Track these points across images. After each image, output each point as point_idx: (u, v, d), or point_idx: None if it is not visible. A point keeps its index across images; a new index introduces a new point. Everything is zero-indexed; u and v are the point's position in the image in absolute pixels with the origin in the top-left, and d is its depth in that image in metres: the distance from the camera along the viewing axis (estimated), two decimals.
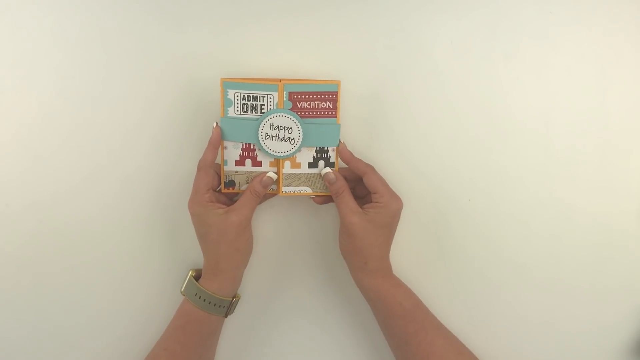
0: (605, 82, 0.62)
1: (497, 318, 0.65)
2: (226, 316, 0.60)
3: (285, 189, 0.60)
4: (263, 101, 0.57)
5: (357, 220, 0.56)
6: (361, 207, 0.57)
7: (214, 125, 0.57)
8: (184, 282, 0.60)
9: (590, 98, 0.63)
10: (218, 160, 0.58)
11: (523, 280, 0.65)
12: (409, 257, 0.64)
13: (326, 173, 0.59)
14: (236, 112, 0.57)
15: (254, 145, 0.59)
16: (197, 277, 0.60)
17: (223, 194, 0.60)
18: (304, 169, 0.60)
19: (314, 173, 0.60)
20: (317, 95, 0.58)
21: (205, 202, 0.56)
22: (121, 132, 0.63)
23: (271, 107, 0.57)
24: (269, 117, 0.58)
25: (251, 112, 0.57)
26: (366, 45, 0.62)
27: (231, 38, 0.62)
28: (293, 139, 0.59)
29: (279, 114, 0.58)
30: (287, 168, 0.59)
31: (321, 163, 0.60)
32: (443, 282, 0.65)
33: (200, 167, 0.57)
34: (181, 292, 0.59)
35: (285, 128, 0.58)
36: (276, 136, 0.58)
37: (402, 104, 0.62)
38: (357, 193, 0.61)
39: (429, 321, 0.58)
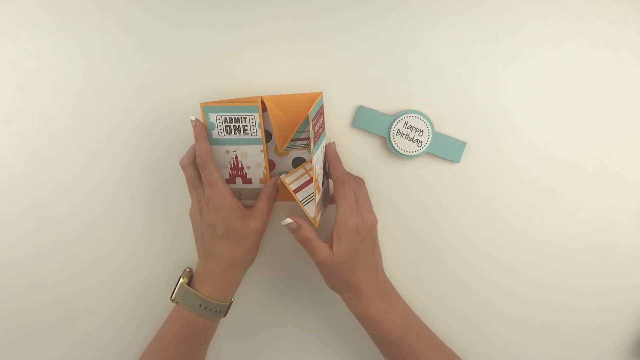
0: (605, 82, 0.62)
1: (496, 318, 0.65)
2: (225, 316, 0.59)
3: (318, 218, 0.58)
4: (245, 122, 0.56)
5: (326, 259, 0.55)
6: (326, 239, 0.57)
7: (193, 119, 0.55)
8: (174, 290, 0.58)
9: (590, 98, 0.63)
10: None
11: (523, 280, 0.65)
12: (408, 257, 0.64)
13: (288, 223, 0.55)
14: (220, 134, 0.56)
15: (242, 163, 0.58)
16: (188, 282, 0.58)
17: None
18: (321, 189, 0.59)
19: (324, 189, 0.60)
20: (319, 113, 0.57)
21: (229, 194, 0.55)
22: (121, 132, 0.63)
23: (254, 127, 0.56)
24: (404, 116, 0.59)
25: (235, 133, 0.57)
26: (365, 45, 0.62)
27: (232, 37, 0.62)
28: (421, 141, 0.60)
29: (414, 114, 0.59)
30: (317, 197, 0.57)
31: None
32: (443, 282, 0.65)
33: (207, 162, 0.55)
34: (172, 300, 0.57)
35: (417, 130, 0.59)
36: (407, 135, 0.59)
37: (402, 104, 0.62)
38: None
39: (418, 345, 0.56)
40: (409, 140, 0.62)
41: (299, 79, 0.61)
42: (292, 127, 0.57)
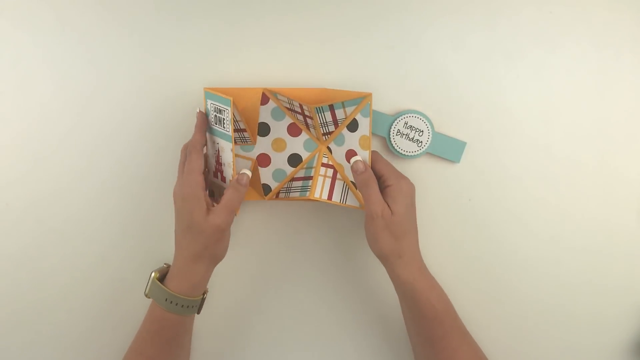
0: (605, 82, 0.62)
1: (496, 318, 0.65)
2: (198, 313, 0.58)
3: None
4: (223, 115, 0.54)
5: (384, 212, 0.54)
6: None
7: (197, 111, 0.56)
8: (147, 284, 0.57)
9: (590, 98, 0.63)
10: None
11: (523, 280, 0.65)
12: None
13: (355, 161, 0.56)
14: (212, 123, 0.56)
15: (221, 158, 0.57)
16: (162, 277, 0.57)
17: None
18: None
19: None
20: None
21: (200, 186, 0.53)
22: (122, 132, 0.63)
23: (228, 122, 0.54)
24: (404, 116, 0.59)
25: (218, 124, 0.55)
26: (365, 45, 0.62)
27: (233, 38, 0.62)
28: (421, 141, 0.60)
29: (414, 114, 0.59)
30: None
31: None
32: (442, 282, 0.65)
33: (192, 150, 0.54)
34: (145, 294, 0.56)
35: (417, 130, 0.59)
36: (407, 135, 0.59)
37: (402, 104, 0.62)
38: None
39: (456, 327, 0.57)
40: (409, 140, 0.62)
41: (299, 79, 0.61)
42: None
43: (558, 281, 0.65)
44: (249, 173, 0.56)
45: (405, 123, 0.61)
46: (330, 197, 0.59)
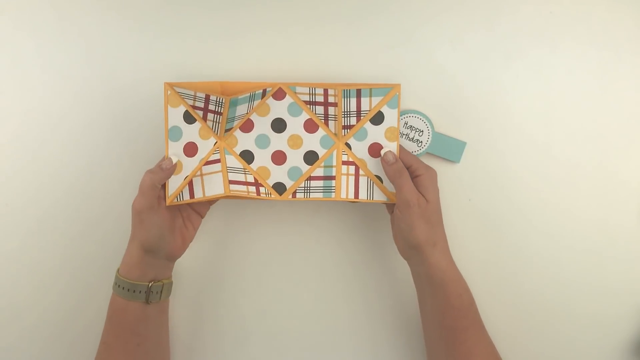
0: (605, 81, 0.62)
1: (496, 318, 0.65)
2: (147, 302, 0.57)
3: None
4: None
5: (419, 200, 0.55)
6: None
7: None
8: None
9: (590, 98, 0.63)
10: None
11: (523, 280, 0.65)
12: None
13: (386, 152, 0.57)
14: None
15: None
16: None
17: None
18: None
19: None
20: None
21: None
22: (122, 132, 0.63)
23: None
24: (404, 116, 0.60)
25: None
26: (366, 46, 0.62)
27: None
28: (421, 141, 0.60)
29: (414, 114, 0.59)
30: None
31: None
32: None
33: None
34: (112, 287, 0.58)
35: (417, 130, 0.60)
36: (407, 135, 0.60)
37: (402, 104, 0.62)
38: None
39: (478, 321, 0.57)
40: (409, 140, 0.62)
41: (297, 78, 0.61)
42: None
43: (558, 281, 0.65)
44: (175, 160, 0.56)
45: (405, 123, 0.61)
46: (356, 195, 0.59)
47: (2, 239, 0.64)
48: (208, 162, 0.58)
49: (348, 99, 0.56)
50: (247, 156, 0.59)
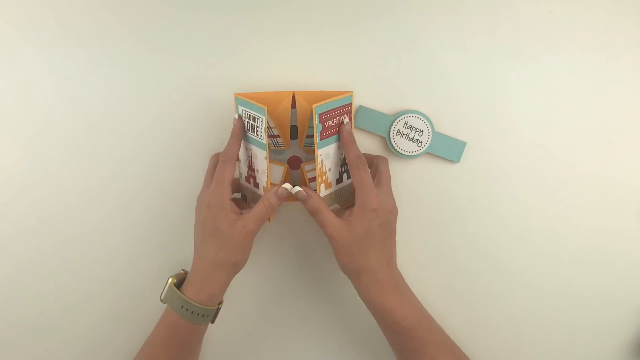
0: (605, 82, 0.62)
1: (496, 318, 0.65)
2: (213, 322, 0.57)
3: None
4: (257, 122, 0.53)
5: (337, 233, 0.53)
6: (342, 216, 0.54)
7: (235, 117, 0.55)
8: (163, 289, 0.56)
9: (590, 98, 0.63)
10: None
11: (523, 280, 0.65)
12: (408, 257, 0.64)
13: (297, 192, 0.54)
14: (245, 129, 0.55)
15: (254, 164, 0.56)
16: (179, 283, 0.56)
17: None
18: (334, 186, 0.58)
19: (340, 187, 0.59)
20: (338, 111, 0.54)
21: (227, 196, 0.53)
22: (122, 132, 0.63)
23: (261, 130, 0.52)
24: (404, 116, 0.60)
25: (251, 131, 0.54)
26: (366, 45, 0.62)
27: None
28: (421, 141, 0.60)
29: (414, 114, 0.59)
30: (322, 191, 0.56)
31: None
32: (442, 282, 0.65)
33: (226, 159, 0.54)
34: (161, 300, 0.56)
35: (417, 130, 0.59)
36: (407, 135, 0.60)
37: (402, 104, 0.62)
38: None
39: (430, 338, 0.55)
40: (409, 140, 0.62)
41: (299, 78, 0.61)
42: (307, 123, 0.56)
43: (558, 281, 0.65)
44: (289, 188, 0.54)
45: (405, 123, 0.61)
46: (311, 180, 0.58)
47: (2, 239, 0.64)
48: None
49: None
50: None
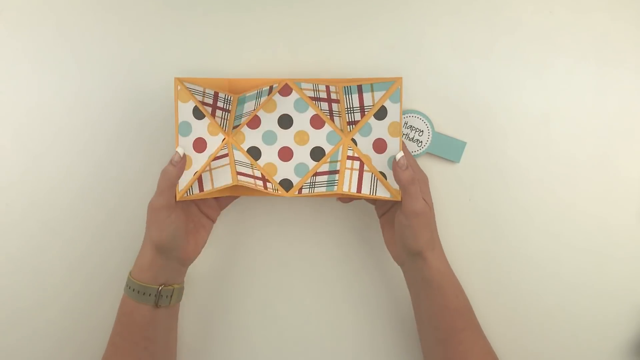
0: (605, 82, 0.62)
1: (496, 318, 0.65)
2: (157, 306, 0.56)
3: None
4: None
5: (425, 208, 0.54)
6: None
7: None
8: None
9: (590, 98, 0.63)
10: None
11: (523, 279, 0.65)
12: None
13: (401, 157, 0.55)
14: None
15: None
16: None
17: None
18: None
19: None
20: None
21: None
22: (122, 133, 0.63)
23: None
24: (404, 116, 0.59)
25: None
26: (366, 46, 0.62)
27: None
28: (421, 141, 0.60)
29: (414, 114, 0.59)
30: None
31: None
32: None
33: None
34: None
35: (417, 130, 0.60)
36: (407, 135, 0.60)
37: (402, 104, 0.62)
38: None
39: (474, 321, 0.58)
40: (409, 140, 0.62)
41: (297, 76, 0.61)
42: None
43: (558, 281, 0.65)
44: (181, 151, 0.55)
45: (405, 123, 0.61)
46: (359, 189, 0.57)
47: (2, 239, 0.64)
48: (216, 157, 0.58)
49: (350, 95, 0.56)
50: (254, 152, 0.59)
